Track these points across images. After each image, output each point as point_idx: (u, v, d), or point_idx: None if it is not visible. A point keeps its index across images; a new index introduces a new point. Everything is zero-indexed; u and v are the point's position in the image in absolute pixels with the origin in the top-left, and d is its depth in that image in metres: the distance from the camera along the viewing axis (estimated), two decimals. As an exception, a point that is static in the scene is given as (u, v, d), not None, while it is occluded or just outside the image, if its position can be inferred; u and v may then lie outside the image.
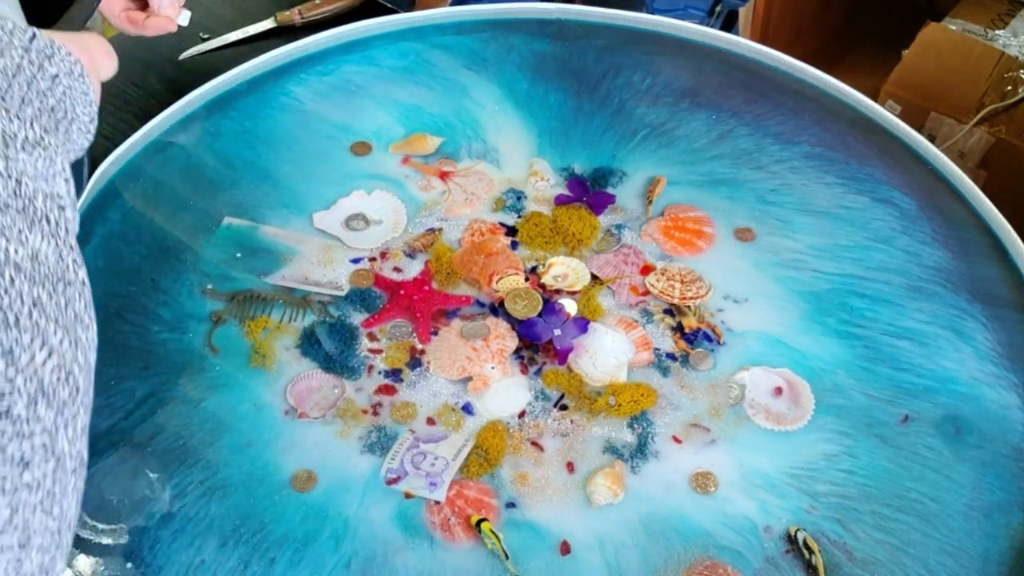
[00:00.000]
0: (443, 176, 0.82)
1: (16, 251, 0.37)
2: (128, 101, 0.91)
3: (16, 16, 0.62)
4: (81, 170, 0.78)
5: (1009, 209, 0.78)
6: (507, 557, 0.59)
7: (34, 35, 0.47)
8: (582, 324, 0.71)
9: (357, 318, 0.72)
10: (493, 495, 0.63)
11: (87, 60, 0.51)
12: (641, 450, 0.65)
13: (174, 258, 0.76)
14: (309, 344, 0.70)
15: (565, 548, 0.61)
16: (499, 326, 0.71)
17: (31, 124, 0.43)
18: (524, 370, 0.70)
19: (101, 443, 0.64)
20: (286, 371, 0.69)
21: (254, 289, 0.73)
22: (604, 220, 0.79)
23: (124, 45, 0.99)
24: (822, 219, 0.79)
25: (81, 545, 0.60)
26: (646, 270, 0.75)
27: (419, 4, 1.30)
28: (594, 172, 0.82)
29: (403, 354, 0.70)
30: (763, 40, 0.95)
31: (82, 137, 0.51)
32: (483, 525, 0.61)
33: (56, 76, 0.48)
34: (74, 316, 0.38)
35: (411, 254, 0.76)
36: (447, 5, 1.20)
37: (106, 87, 0.97)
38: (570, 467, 0.64)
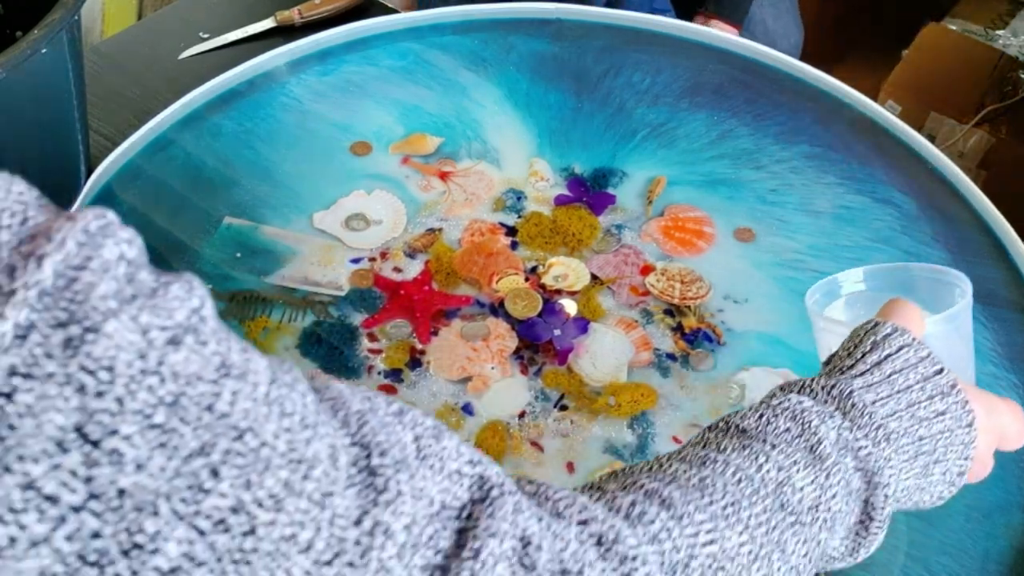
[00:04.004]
0: (443, 176, 0.82)
1: None
2: (128, 101, 0.91)
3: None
4: (79, 169, 0.78)
5: (1009, 209, 0.78)
6: (507, 557, 0.59)
7: (941, 370, 0.45)
8: (582, 324, 0.71)
9: (357, 318, 0.72)
10: (493, 495, 0.63)
11: (991, 423, 0.48)
12: (641, 450, 0.65)
13: (174, 258, 0.75)
14: (309, 344, 0.70)
15: (565, 548, 0.60)
16: (499, 326, 0.71)
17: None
18: (524, 370, 0.70)
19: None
20: (286, 371, 0.69)
21: (254, 289, 0.73)
22: (604, 220, 0.79)
23: (124, 44, 0.99)
24: (822, 219, 0.79)
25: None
26: (646, 270, 0.75)
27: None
28: (594, 172, 0.82)
29: (403, 354, 0.70)
30: (763, 40, 0.96)
31: (940, 487, 0.46)
32: (483, 525, 0.60)
33: (942, 413, 0.45)
34: None
35: (411, 254, 0.76)
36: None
37: (106, 86, 0.97)
38: (570, 467, 0.64)
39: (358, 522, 0.27)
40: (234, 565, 0.24)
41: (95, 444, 0.22)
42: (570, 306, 0.72)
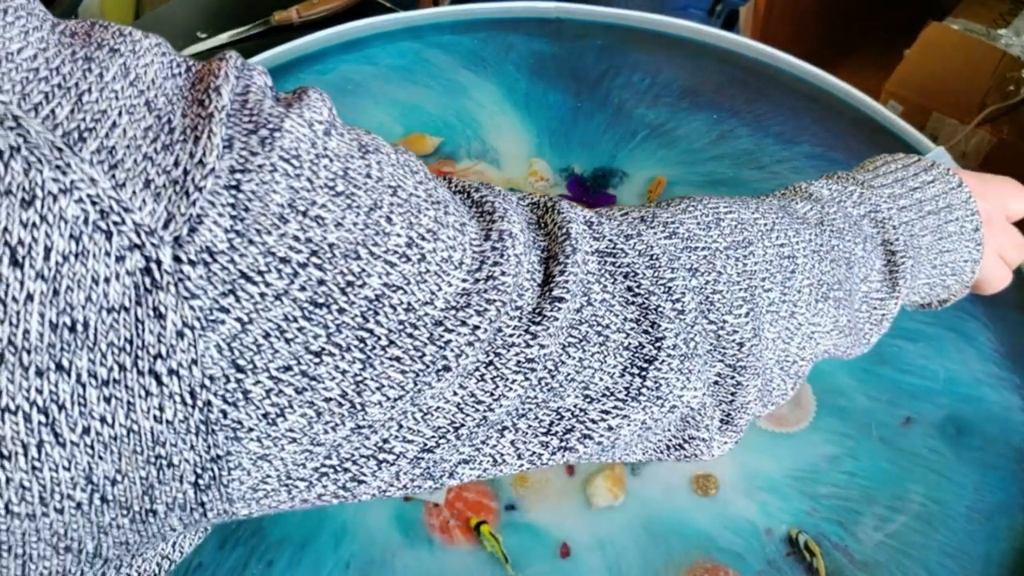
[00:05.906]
0: (442, 176, 0.82)
1: None
2: (126, 101, 0.90)
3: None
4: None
5: (1011, 209, 0.78)
6: (507, 560, 0.59)
7: (919, 160, 0.49)
8: (582, 325, 0.70)
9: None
10: (493, 497, 0.63)
11: (987, 189, 0.51)
12: (641, 452, 0.65)
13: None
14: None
15: (565, 551, 0.60)
16: (498, 327, 0.71)
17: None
18: (523, 371, 0.69)
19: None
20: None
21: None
22: (604, 220, 0.79)
23: (122, 45, 0.99)
24: (823, 219, 0.79)
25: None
26: (646, 271, 0.75)
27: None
28: (594, 172, 0.82)
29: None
30: (764, 39, 0.95)
31: (963, 245, 0.50)
32: (482, 528, 0.60)
33: (931, 182, 0.48)
34: None
35: (410, 255, 0.76)
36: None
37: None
38: (570, 469, 0.64)
39: (487, 237, 0.34)
40: (417, 285, 0.30)
41: (304, 214, 0.28)
42: (570, 307, 0.72)
